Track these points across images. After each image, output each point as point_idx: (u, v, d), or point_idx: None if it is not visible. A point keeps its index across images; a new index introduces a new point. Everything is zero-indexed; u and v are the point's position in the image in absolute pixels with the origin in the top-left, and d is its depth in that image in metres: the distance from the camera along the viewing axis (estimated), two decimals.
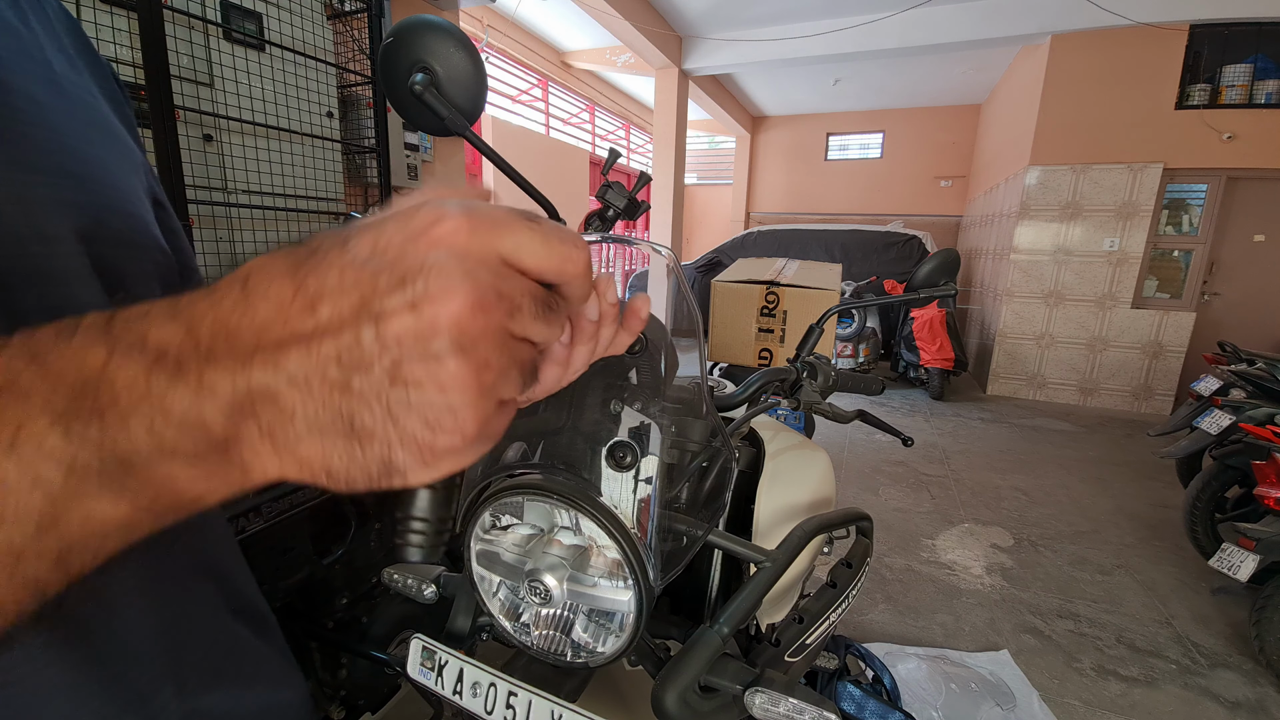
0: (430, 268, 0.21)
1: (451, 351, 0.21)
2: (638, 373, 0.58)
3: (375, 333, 0.21)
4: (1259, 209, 4.87)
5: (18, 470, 0.18)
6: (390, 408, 0.21)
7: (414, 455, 0.22)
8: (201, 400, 0.20)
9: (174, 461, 0.20)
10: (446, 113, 0.70)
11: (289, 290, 0.21)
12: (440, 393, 0.21)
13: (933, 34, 5.47)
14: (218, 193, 2.47)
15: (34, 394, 0.19)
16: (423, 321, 0.21)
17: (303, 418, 0.21)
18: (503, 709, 0.55)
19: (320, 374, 0.21)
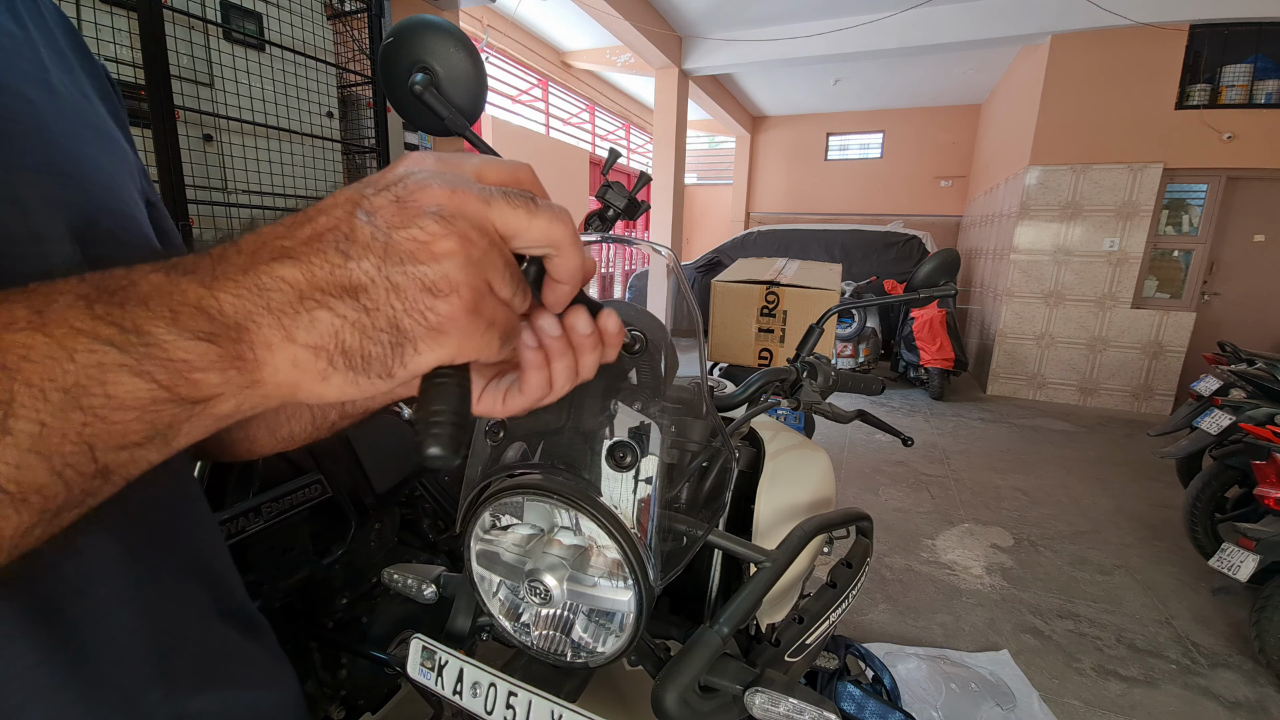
0: (411, 171, 0.26)
1: (436, 221, 0.24)
2: (638, 373, 0.58)
3: (368, 222, 0.24)
4: (1259, 209, 4.87)
5: (46, 343, 0.20)
6: (390, 279, 0.24)
7: (419, 320, 0.24)
8: (215, 287, 0.22)
9: (189, 340, 0.22)
10: (446, 113, 0.70)
11: (292, 215, 0.25)
12: (433, 260, 0.24)
13: (933, 34, 5.46)
14: (218, 193, 2.47)
15: (66, 289, 0.21)
16: (408, 206, 0.24)
17: (312, 295, 0.23)
18: (503, 709, 0.55)
19: (323, 259, 0.23)
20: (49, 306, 0.20)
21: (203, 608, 0.41)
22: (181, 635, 0.39)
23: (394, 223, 0.24)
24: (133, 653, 0.35)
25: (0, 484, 0.19)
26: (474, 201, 0.25)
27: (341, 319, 0.24)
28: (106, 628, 0.33)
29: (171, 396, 0.22)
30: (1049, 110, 5.13)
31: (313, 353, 0.24)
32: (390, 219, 0.24)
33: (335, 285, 0.23)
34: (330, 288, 0.23)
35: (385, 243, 0.24)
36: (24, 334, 0.20)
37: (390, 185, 0.25)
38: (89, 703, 0.32)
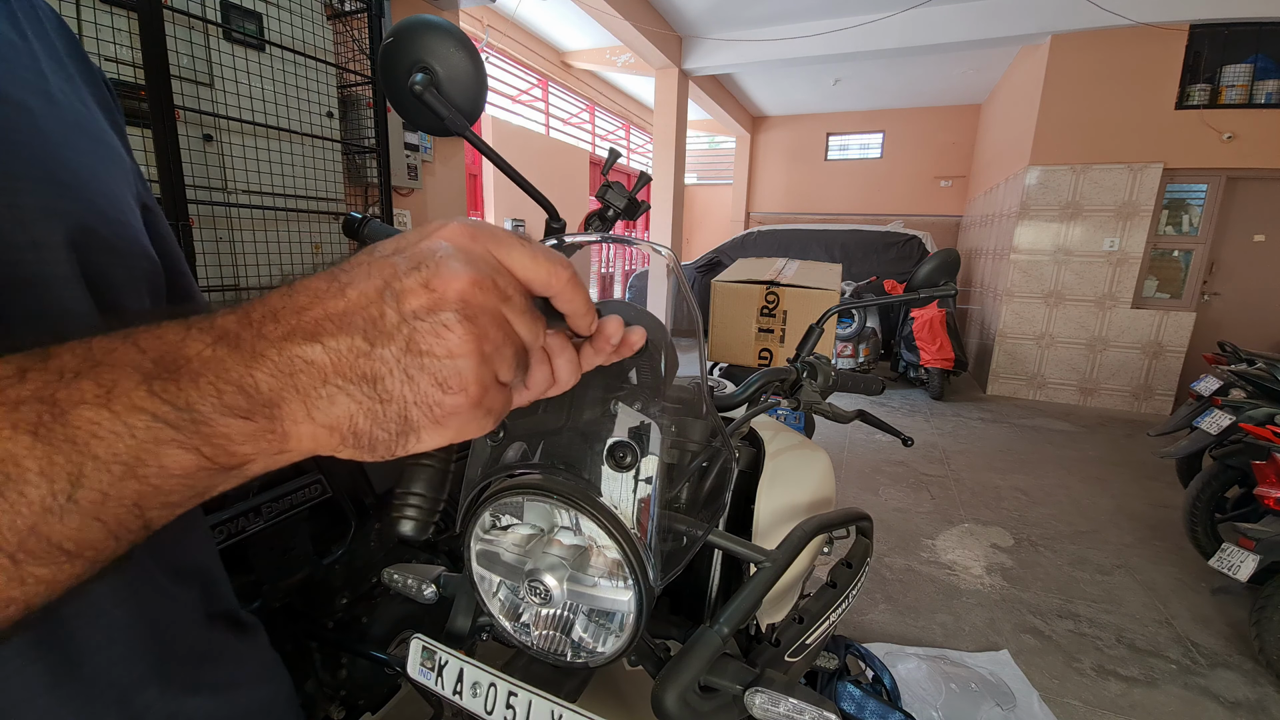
0: (440, 255, 0.26)
1: (457, 321, 0.26)
2: (638, 373, 0.58)
3: (396, 307, 0.25)
4: (1259, 209, 4.87)
5: (111, 419, 0.21)
6: (407, 371, 0.25)
7: (426, 413, 0.26)
8: (253, 366, 0.24)
9: (230, 419, 0.24)
10: (446, 113, 0.70)
11: (325, 282, 0.26)
12: (448, 357, 0.26)
13: (933, 34, 5.46)
14: (218, 193, 2.47)
15: (126, 361, 0.22)
16: (434, 296, 0.26)
17: (334, 381, 0.25)
18: (503, 709, 0.55)
19: (349, 343, 0.25)
20: (115, 385, 0.22)
21: (195, 608, 0.42)
22: (176, 635, 0.39)
23: (419, 310, 0.25)
24: (129, 651, 0.35)
25: (62, 544, 0.21)
26: (499, 293, 0.27)
27: (357, 404, 0.25)
28: (103, 627, 0.34)
29: (213, 465, 0.24)
30: (1049, 110, 5.13)
31: (328, 432, 0.26)
32: (416, 305, 0.26)
33: (356, 373, 0.25)
34: (351, 374, 0.25)
35: (408, 335, 0.25)
36: (92, 410, 0.21)
37: (422, 264, 0.26)
38: (84, 699, 0.32)
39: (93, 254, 0.34)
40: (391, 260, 0.26)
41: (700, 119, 9.72)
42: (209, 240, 2.43)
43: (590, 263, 9.07)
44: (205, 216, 2.41)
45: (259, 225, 2.62)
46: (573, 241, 0.67)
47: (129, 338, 0.23)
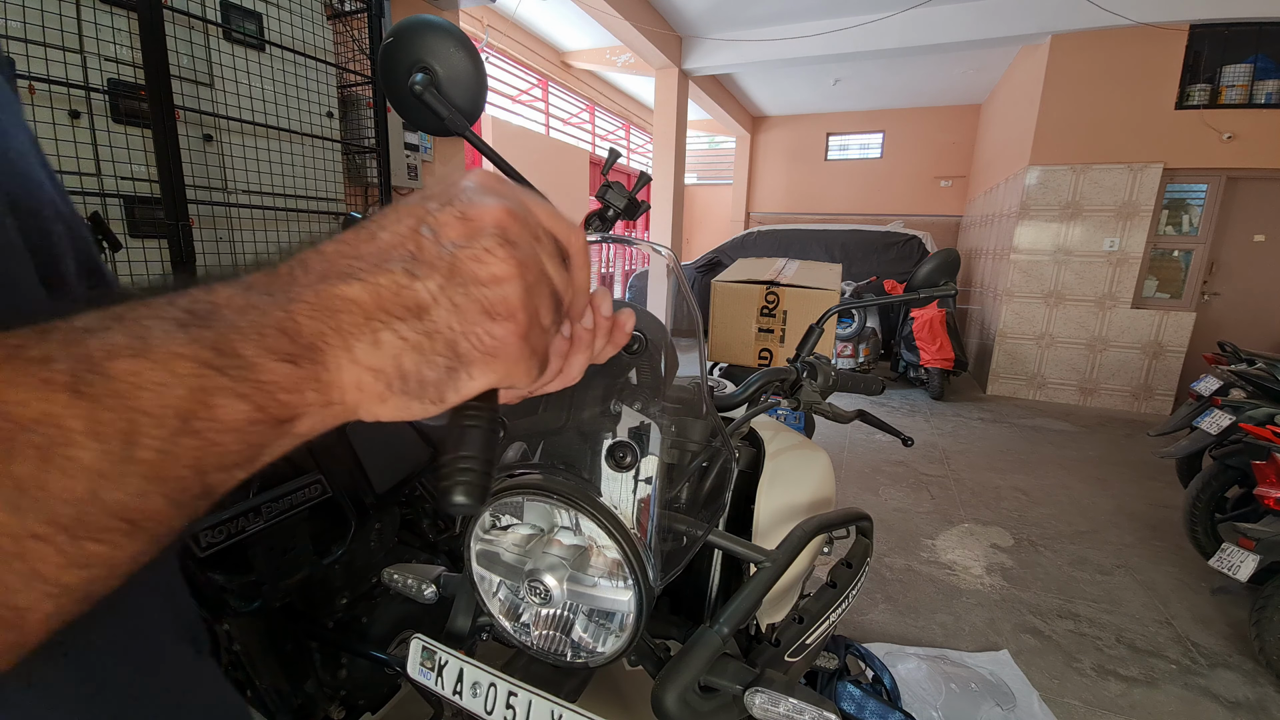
0: (470, 190, 0.26)
1: (499, 244, 0.25)
2: (638, 373, 0.58)
3: (434, 239, 0.25)
4: (1259, 209, 4.87)
5: (153, 368, 0.20)
6: (453, 299, 0.24)
7: (476, 343, 0.25)
8: (290, 308, 0.23)
9: (276, 362, 0.22)
10: (446, 113, 0.70)
11: (354, 231, 0.25)
12: (494, 282, 0.25)
13: (933, 34, 5.46)
14: (218, 193, 2.47)
15: (154, 313, 0.21)
16: (472, 224, 0.25)
17: (378, 317, 0.24)
18: (503, 709, 0.55)
19: (390, 278, 0.24)
20: (148, 333, 0.20)
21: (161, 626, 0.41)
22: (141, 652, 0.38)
23: (458, 239, 0.25)
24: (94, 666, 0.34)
25: (123, 514, 0.19)
26: (530, 229, 0.27)
27: (403, 341, 0.24)
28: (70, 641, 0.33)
29: (264, 417, 0.22)
30: (1049, 110, 5.13)
31: (374, 375, 0.24)
32: (455, 235, 0.25)
33: (400, 306, 0.24)
34: (395, 308, 0.24)
35: (450, 261, 0.24)
36: (130, 361, 0.19)
37: (454, 200, 0.26)
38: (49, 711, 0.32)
39: (22, 218, 0.32)
40: (421, 203, 0.26)
41: (700, 119, 9.72)
42: (209, 240, 2.43)
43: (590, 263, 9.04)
44: (205, 216, 2.41)
45: (259, 225, 2.62)
46: None
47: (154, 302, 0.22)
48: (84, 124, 2.05)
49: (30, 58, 1.89)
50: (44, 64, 1.92)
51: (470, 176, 0.28)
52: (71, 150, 2.01)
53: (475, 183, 0.27)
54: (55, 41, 1.95)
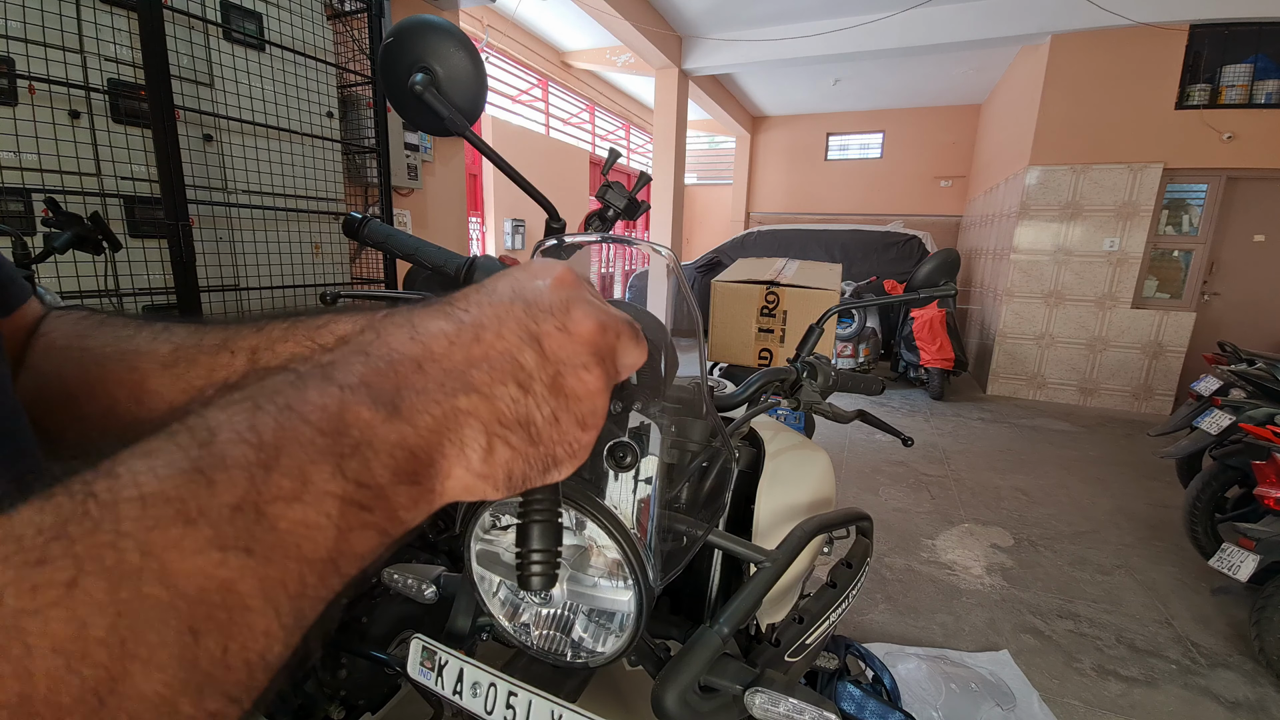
0: (567, 300, 0.27)
1: (595, 363, 0.27)
2: (638, 373, 0.58)
3: (538, 351, 0.26)
4: (1259, 209, 4.87)
5: (309, 512, 0.19)
6: (555, 414, 0.26)
7: (567, 450, 0.27)
8: (416, 423, 0.23)
9: (403, 485, 0.22)
10: (446, 113, 0.70)
11: (452, 325, 0.26)
12: (588, 397, 0.27)
13: (933, 34, 5.46)
14: (218, 193, 2.47)
15: (303, 439, 0.20)
16: (572, 340, 0.26)
17: (495, 430, 0.24)
18: (503, 709, 0.55)
19: (505, 390, 0.25)
20: (307, 474, 0.19)
21: None
22: None
23: (562, 357, 0.26)
24: None
25: (274, 670, 0.19)
26: (615, 342, 0.28)
27: (513, 451, 0.25)
28: None
29: (386, 539, 0.22)
30: (1049, 110, 5.13)
31: (482, 480, 0.25)
32: (559, 352, 0.26)
33: (514, 419, 0.25)
34: (509, 422, 0.25)
35: (554, 377, 0.26)
36: (296, 508, 0.19)
37: (553, 311, 0.27)
38: None
39: None
40: (518, 305, 0.26)
41: (700, 119, 9.72)
42: (209, 240, 2.43)
43: (590, 263, 9.07)
44: (205, 216, 2.41)
45: (259, 225, 2.62)
46: (573, 241, 0.67)
47: (285, 411, 0.20)
48: (84, 124, 2.05)
49: (30, 58, 1.89)
50: (44, 64, 1.92)
51: (555, 274, 0.28)
52: (71, 150, 2.01)
53: (562, 286, 0.28)
54: (55, 41, 1.95)
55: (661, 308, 6.46)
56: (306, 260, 2.83)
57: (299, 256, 2.79)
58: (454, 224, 4.43)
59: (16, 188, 1.91)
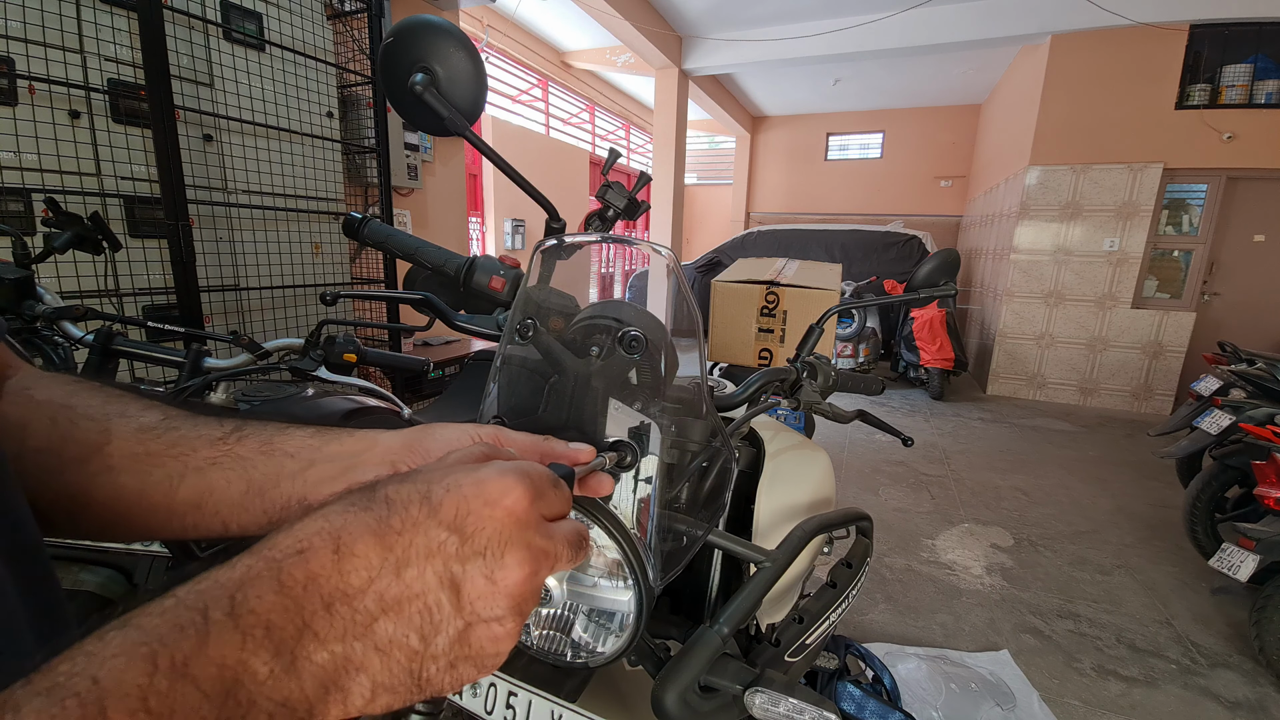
0: (510, 543, 0.26)
1: (511, 616, 0.26)
2: (638, 373, 0.58)
3: (455, 601, 0.25)
4: (1259, 209, 4.87)
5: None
6: (453, 663, 0.26)
7: (453, 685, 0.27)
8: (303, 684, 0.23)
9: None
10: (446, 113, 0.70)
11: (378, 550, 0.25)
12: (494, 644, 0.26)
13: (933, 34, 5.46)
14: (218, 193, 2.47)
15: (192, 709, 0.20)
16: (496, 593, 0.26)
17: (379, 683, 0.24)
18: (503, 709, 0.55)
19: (404, 643, 0.25)
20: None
21: None
22: None
23: (477, 608, 0.26)
24: None
25: None
26: (547, 575, 0.28)
27: (395, 696, 0.25)
28: None
29: None
30: (1049, 110, 5.13)
31: (359, 713, 0.25)
32: (475, 603, 0.26)
33: (404, 674, 0.25)
34: (399, 679, 0.25)
35: (462, 631, 0.26)
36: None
37: (488, 554, 0.26)
38: None
39: None
40: (452, 541, 0.26)
41: (700, 119, 9.72)
42: (209, 240, 2.43)
43: (590, 263, 9.06)
44: (205, 216, 2.41)
45: (259, 225, 2.62)
46: (573, 241, 0.67)
47: (181, 669, 0.20)
48: (84, 124, 2.05)
49: (30, 58, 1.89)
50: (44, 64, 1.92)
51: (508, 507, 0.27)
52: (71, 150, 2.01)
53: (511, 525, 0.27)
54: (55, 41, 1.95)
55: (661, 308, 6.45)
56: (306, 260, 2.83)
57: (299, 256, 2.79)
58: (454, 224, 4.43)
59: (16, 188, 1.91)
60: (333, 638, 0.23)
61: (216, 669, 0.20)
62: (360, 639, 0.24)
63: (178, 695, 0.19)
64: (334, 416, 1.33)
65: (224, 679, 0.21)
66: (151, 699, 0.19)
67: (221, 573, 0.23)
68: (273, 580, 0.23)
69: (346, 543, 0.24)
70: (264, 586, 0.23)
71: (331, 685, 0.23)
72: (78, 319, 1.38)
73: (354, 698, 0.24)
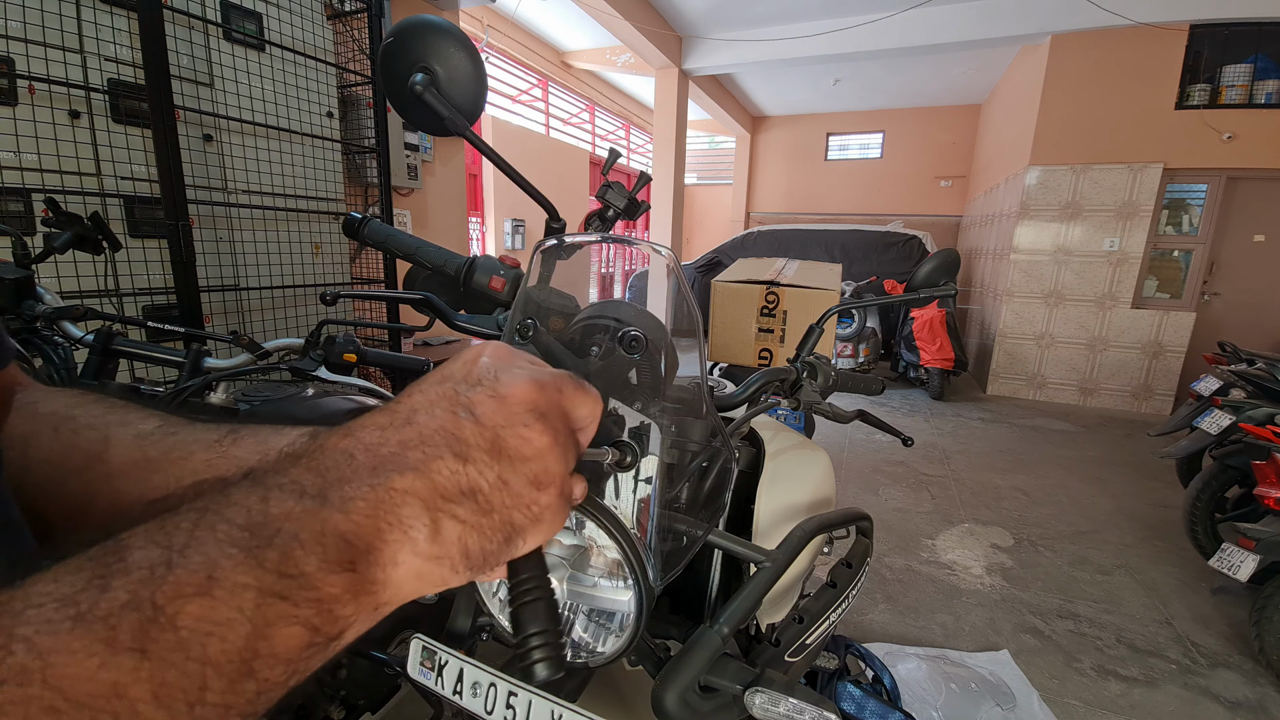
0: (493, 368, 0.27)
1: (535, 420, 0.26)
2: (638, 373, 0.58)
3: (472, 419, 0.25)
4: (1259, 209, 4.87)
5: (218, 608, 0.18)
6: (503, 476, 0.25)
7: (526, 514, 0.26)
8: (348, 509, 0.22)
9: (336, 574, 0.21)
10: (446, 113, 0.70)
11: (384, 416, 0.26)
12: (536, 456, 0.26)
13: (933, 34, 5.46)
14: (218, 193, 2.47)
15: (218, 536, 0.19)
16: (505, 402, 0.26)
17: (437, 505, 0.24)
18: (503, 709, 0.55)
19: (442, 463, 0.24)
20: (216, 566, 0.19)
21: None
22: None
23: (498, 420, 0.26)
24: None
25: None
26: (557, 396, 0.28)
27: (464, 524, 0.24)
28: None
29: (319, 638, 0.21)
30: (1049, 110, 5.13)
31: (437, 562, 0.24)
32: (493, 416, 0.26)
33: (456, 491, 0.24)
34: (452, 494, 0.24)
35: (493, 440, 0.25)
36: (198, 603, 0.18)
37: (482, 381, 0.27)
38: None
39: None
40: (447, 384, 0.27)
41: (700, 119, 9.72)
42: (209, 240, 2.43)
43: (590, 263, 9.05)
44: (205, 216, 2.41)
45: (259, 225, 2.62)
46: (573, 241, 0.67)
47: (204, 513, 0.20)
48: (84, 124, 2.05)
49: (30, 58, 1.89)
50: (44, 64, 1.92)
51: (483, 352, 0.29)
52: (71, 150, 2.01)
53: (491, 358, 0.28)
54: (55, 41, 1.95)
55: (661, 308, 6.45)
56: (306, 260, 2.83)
57: (299, 256, 2.79)
58: (454, 224, 4.43)
59: (16, 188, 1.91)
60: (363, 474, 0.23)
61: (237, 506, 0.21)
62: (394, 469, 0.23)
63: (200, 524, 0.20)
64: (334, 416, 1.33)
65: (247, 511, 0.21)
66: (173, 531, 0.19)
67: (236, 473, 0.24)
68: (289, 458, 0.24)
69: (355, 423, 0.25)
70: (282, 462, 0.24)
71: (381, 514, 0.22)
72: (78, 319, 1.38)
73: (415, 527, 0.23)
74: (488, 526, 0.25)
